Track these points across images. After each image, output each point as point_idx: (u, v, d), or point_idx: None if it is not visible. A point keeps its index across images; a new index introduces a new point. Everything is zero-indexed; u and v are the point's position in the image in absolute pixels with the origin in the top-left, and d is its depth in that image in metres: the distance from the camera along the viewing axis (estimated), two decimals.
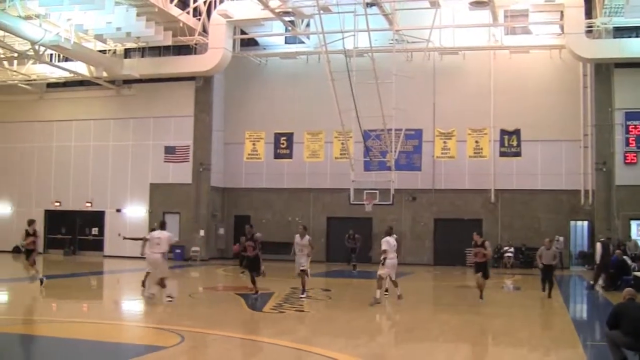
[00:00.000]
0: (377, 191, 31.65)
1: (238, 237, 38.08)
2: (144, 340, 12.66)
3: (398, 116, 29.54)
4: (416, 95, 33.53)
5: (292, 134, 34.87)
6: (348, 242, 32.90)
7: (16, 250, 38.83)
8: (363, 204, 31.84)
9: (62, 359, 10.76)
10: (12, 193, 40.90)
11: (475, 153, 32.78)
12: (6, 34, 31.33)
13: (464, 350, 12.16)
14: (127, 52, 37.03)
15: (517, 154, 32.61)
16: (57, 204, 39.65)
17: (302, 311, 16.47)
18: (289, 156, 35.12)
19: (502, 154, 32.94)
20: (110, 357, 11.19)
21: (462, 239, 33.73)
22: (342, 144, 32.65)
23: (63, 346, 11.80)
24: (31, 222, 21.00)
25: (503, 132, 32.69)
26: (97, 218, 38.86)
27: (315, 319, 12.98)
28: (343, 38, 30.35)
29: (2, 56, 36.31)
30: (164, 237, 17.49)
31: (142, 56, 37.04)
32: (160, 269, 17.51)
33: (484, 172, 34.31)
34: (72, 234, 39.78)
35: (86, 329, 13.68)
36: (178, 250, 35.86)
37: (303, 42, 37.17)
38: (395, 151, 30.86)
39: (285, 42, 38.12)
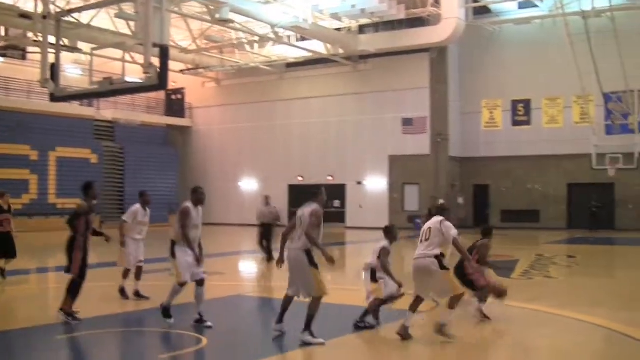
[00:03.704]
0: (620, 155, 33.54)
1: (479, 207, 42.01)
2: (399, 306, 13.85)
3: None
4: None
5: (529, 100, 37.16)
6: None
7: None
8: (606, 169, 34.32)
9: (326, 321, 11.03)
10: (259, 170, 46.71)
11: None
12: (248, 19, 35.55)
13: None
14: (362, 28, 40.38)
15: None
16: (300, 178, 44.77)
17: (550, 277, 17.64)
18: (527, 123, 37.50)
19: None
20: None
21: None
22: (582, 108, 34.87)
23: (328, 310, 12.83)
24: (2, 195, 16.52)
25: None
26: (338, 191, 43.42)
27: (565, 285, 13.71)
28: None
29: (244, 40, 40.94)
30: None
31: (377, 31, 40.53)
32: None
33: None
34: None
35: (336, 295, 14.92)
36: (418, 220, 40.21)
37: (537, 6, 38.85)
38: (638, 113, 33.10)
39: (519, 8, 40.22)
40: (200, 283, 10.86)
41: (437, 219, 10.06)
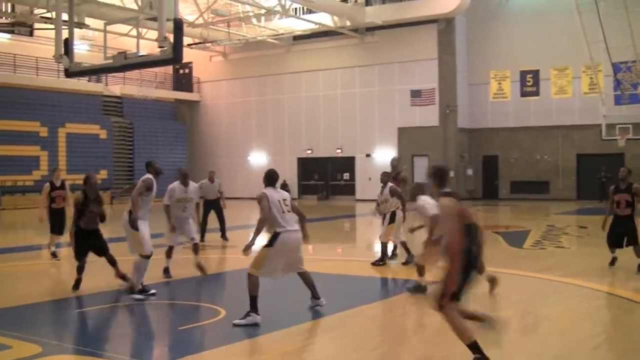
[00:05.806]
0: (630, 125, 33.57)
1: (488, 178, 42.13)
2: (405, 276, 13.59)
3: None
4: None
5: (537, 71, 37.31)
6: None
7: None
8: (615, 140, 34.35)
9: (328, 291, 11.70)
10: (267, 143, 47.04)
11: None
12: None
13: None
14: (368, 0, 40.37)
15: None
16: (309, 151, 45.06)
17: (562, 247, 17.87)
18: (536, 93, 37.71)
19: None
20: (378, 291, 12.81)
21: None
22: (591, 78, 34.98)
23: (334, 281, 12.80)
24: (54, 170, 16.66)
25: None
26: (347, 163, 43.92)
27: (577, 254, 13.37)
28: None
29: (251, 14, 40.75)
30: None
31: (383, 2, 40.37)
32: None
33: None
34: (325, 179, 45.01)
35: (347, 267, 15.25)
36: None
37: None
38: None
39: None
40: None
41: None
